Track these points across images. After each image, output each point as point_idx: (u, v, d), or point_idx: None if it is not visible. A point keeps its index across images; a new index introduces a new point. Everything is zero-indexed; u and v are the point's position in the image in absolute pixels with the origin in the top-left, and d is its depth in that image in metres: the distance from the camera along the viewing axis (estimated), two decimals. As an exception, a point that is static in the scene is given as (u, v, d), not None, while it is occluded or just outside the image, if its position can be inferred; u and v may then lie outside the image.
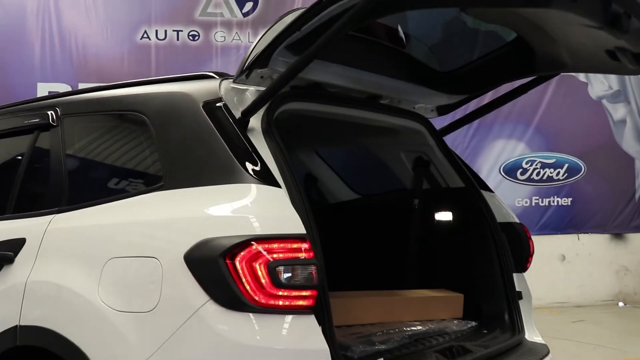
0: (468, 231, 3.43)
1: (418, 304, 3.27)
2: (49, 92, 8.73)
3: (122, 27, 9.01)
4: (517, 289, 3.29)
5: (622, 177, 10.02)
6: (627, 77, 9.95)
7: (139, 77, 8.74)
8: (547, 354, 3.10)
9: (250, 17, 9.26)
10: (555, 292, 9.46)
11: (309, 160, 4.25)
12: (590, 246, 9.86)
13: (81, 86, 8.76)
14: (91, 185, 2.93)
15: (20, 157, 3.16)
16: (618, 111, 10.10)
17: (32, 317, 2.56)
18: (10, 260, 2.72)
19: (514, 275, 3.30)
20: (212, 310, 2.17)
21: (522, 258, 3.39)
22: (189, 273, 2.19)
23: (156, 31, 9.09)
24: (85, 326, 2.42)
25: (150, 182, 2.58)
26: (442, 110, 3.64)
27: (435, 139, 3.50)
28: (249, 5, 9.29)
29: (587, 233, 9.90)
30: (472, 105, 3.86)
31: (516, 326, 3.18)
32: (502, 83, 3.51)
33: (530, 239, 3.45)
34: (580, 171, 9.93)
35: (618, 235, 10.01)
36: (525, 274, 3.47)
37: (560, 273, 9.60)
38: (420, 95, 3.47)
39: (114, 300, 2.36)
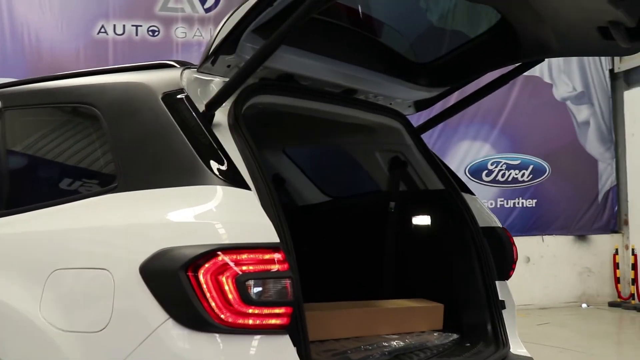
0: (448, 236, 3.26)
1: (395, 315, 3.10)
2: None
3: (78, 20, 8.91)
4: (500, 298, 3.12)
5: (586, 179, 10.26)
6: (590, 78, 10.19)
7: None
8: None
9: (212, 12, 9.24)
10: (520, 294, 9.42)
11: (276, 159, 4.05)
12: (555, 248, 10.08)
13: (32, 81, 8.56)
14: (35, 186, 2.69)
15: None
16: (582, 113, 10.33)
17: None
18: None
19: (497, 283, 3.14)
20: (172, 330, 1.94)
21: (505, 265, 3.24)
22: (145, 287, 1.97)
23: (114, 26, 9.02)
24: (24, 348, 2.21)
25: (102, 184, 2.37)
26: (420, 106, 3.47)
27: (413, 137, 3.33)
28: (211, 1, 9.27)
29: (552, 235, 10.10)
30: (450, 101, 3.73)
31: (500, 338, 3.02)
32: (484, 72, 3.34)
33: (514, 244, 3.31)
34: (545, 172, 10.11)
35: (581, 236, 10.23)
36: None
37: (525, 275, 9.69)
38: (397, 89, 3.28)
39: (58, 318, 2.13)
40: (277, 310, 1.97)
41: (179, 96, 2.33)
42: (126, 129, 2.34)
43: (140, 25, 9.04)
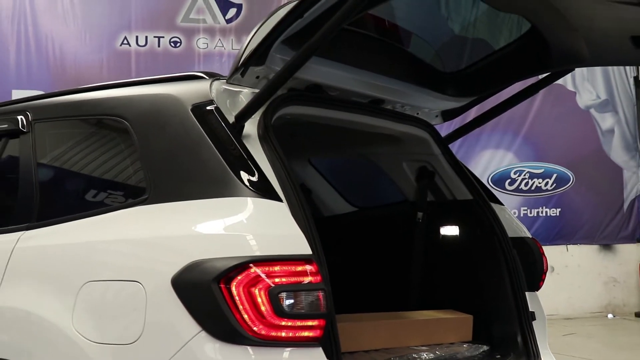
0: (477, 247, 3.25)
1: (424, 326, 3.10)
2: (21, 97, 8.71)
3: (101, 32, 9.01)
4: (530, 309, 3.13)
5: (611, 188, 10.19)
6: (615, 86, 10.14)
7: (118, 83, 8.34)
8: None
9: (233, 23, 9.30)
10: (545, 304, 9.32)
11: (301, 169, 4.07)
12: (579, 257, 9.98)
13: (58, 93, 8.67)
14: (66, 198, 2.71)
15: None
16: (606, 121, 10.27)
17: None
18: None
19: (527, 294, 3.15)
20: (205, 343, 1.96)
21: (535, 275, 3.25)
22: (177, 300, 1.98)
23: (136, 37, 9.10)
24: (56, 359, 2.21)
25: (133, 196, 2.37)
26: (448, 116, 3.47)
27: (440, 147, 3.33)
28: (232, 12, 9.34)
29: (576, 244, 10.02)
30: (475, 111, 3.68)
31: (531, 350, 3.01)
32: (512, 82, 3.33)
33: (544, 255, 3.32)
34: (569, 181, 10.05)
35: (606, 246, 10.14)
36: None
37: (549, 285, 9.49)
38: (424, 99, 3.29)
39: (90, 330, 2.15)
40: (310, 323, 1.98)
41: (208, 108, 2.35)
42: (156, 140, 2.37)
43: (163, 37, 9.13)
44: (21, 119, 2.81)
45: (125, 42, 9.02)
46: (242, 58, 2.37)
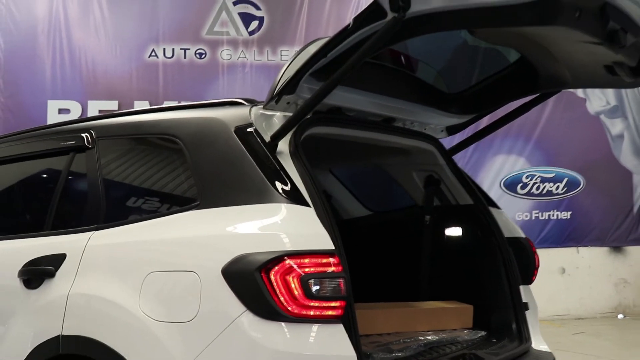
0: (477, 246, 3.58)
1: (431, 314, 3.43)
2: (59, 109, 8.96)
3: (131, 45, 9.17)
4: (524, 300, 3.44)
5: (620, 191, 10.13)
6: (624, 93, 10.06)
7: (147, 95, 8.87)
8: None
9: (255, 35, 9.44)
10: (556, 304, 9.53)
11: (323, 178, 4.36)
12: (590, 259, 9.96)
13: (91, 103, 8.95)
14: (128, 204, 3.07)
15: (57, 177, 3.31)
16: (616, 126, 10.20)
17: (75, 328, 2.71)
18: (51, 275, 2.88)
19: (521, 287, 3.46)
20: (249, 319, 2.32)
21: (528, 271, 3.54)
22: (227, 286, 2.34)
23: (164, 49, 9.25)
24: (127, 335, 2.56)
25: (186, 202, 2.71)
26: (452, 130, 3.82)
27: (445, 158, 3.67)
28: (254, 24, 9.45)
29: (587, 246, 9.98)
30: (479, 125, 4.02)
31: (523, 335, 3.33)
32: (507, 102, 3.67)
33: (536, 253, 3.61)
34: (579, 185, 10.02)
35: (617, 248, 10.09)
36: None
37: (561, 286, 9.69)
38: (430, 116, 3.64)
39: (155, 311, 2.49)
40: (333, 304, 2.34)
41: (248, 129, 2.71)
42: (205, 156, 2.72)
43: (188, 49, 9.27)
44: (86, 136, 3.18)
45: (153, 54, 9.17)
46: (276, 89, 2.74)
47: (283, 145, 2.70)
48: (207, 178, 2.68)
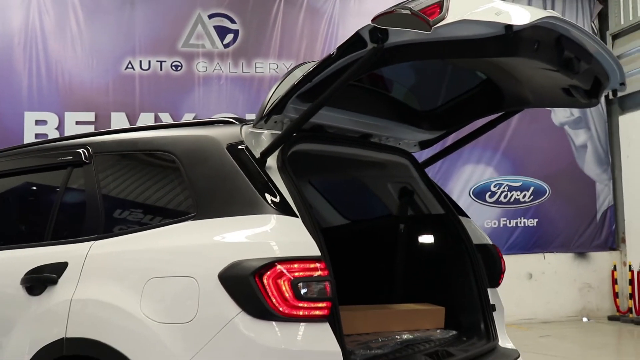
0: (448, 252, 3.80)
1: (405, 316, 3.63)
2: (36, 120, 9.01)
3: (107, 57, 9.25)
4: (491, 302, 3.68)
5: (584, 199, 10.43)
6: None
7: (123, 106, 8.99)
8: (518, 357, 3.52)
9: (230, 48, 9.62)
10: (523, 308, 9.79)
11: (303, 189, 4.58)
12: (556, 265, 10.24)
13: (67, 114, 9.02)
14: (126, 215, 3.24)
15: (56, 190, 3.48)
16: (579, 137, 10.51)
17: (78, 330, 2.88)
18: (54, 282, 3.05)
19: (489, 290, 3.68)
20: (244, 319, 2.51)
21: (495, 275, 3.78)
22: (223, 289, 2.54)
23: (140, 61, 9.37)
24: (129, 336, 2.72)
25: (183, 213, 2.89)
26: (424, 145, 4.05)
27: (418, 171, 3.91)
28: (229, 37, 9.64)
29: (553, 252, 10.27)
30: (449, 140, 4.26)
31: (491, 334, 3.56)
32: (474, 119, 3.91)
33: (502, 258, 3.85)
34: (545, 193, 10.30)
35: (581, 254, 10.38)
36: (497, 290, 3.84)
37: (528, 291, 9.95)
38: (404, 132, 3.87)
39: (156, 313, 2.67)
40: (320, 305, 2.56)
41: (239, 147, 2.91)
42: (200, 171, 2.92)
43: (165, 61, 9.42)
44: (83, 152, 3.36)
45: (129, 66, 9.29)
46: (265, 110, 2.96)
47: (271, 161, 2.90)
48: (202, 191, 2.87)
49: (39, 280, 3.11)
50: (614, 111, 10.63)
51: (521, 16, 2.45)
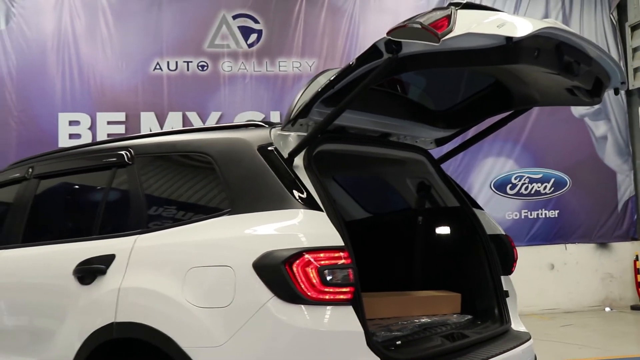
0: (463, 242, 3.98)
1: (424, 301, 3.84)
2: (70, 121, 9.29)
3: (136, 59, 9.50)
4: (505, 289, 3.85)
5: (605, 190, 10.41)
6: (607, 96, 10.33)
7: (152, 106, 9.27)
8: (529, 339, 3.71)
9: (254, 47, 9.80)
10: (545, 299, 9.86)
11: (327, 185, 4.77)
12: (577, 255, 10.24)
13: (99, 115, 9.29)
14: (167, 211, 3.49)
15: (102, 189, 3.76)
16: (599, 128, 10.50)
17: (126, 315, 3.14)
18: (103, 272, 3.32)
19: (502, 277, 3.86)
20: (276, 303, 2.75)
21: (508, 263, 3.97)
22: (257, 276, 2.78)
23: (168, 62, 9.60)
24: (173, 319, 2.96)
25: (219, 209, 3.12)
26: (440, 142, 4.25)
27: (434, 167, 4.12)
28: (253, 37, 9.82)
29: (574, 243, 10.27)
30: (464, 137, 4.46)
31: (504, 318, 3.77)
32: (486, 117, 4.12)
33: (514, 247, 4.05)
34: (566, 185, 10.32)
35: (603, 244, 10.37)
36: (516, 282, 4.02)
37: (550, 281, 10.00)
38: (420, 131, 4.08)
39: (196, 299, 2.89)
40: (344, 289, 2.78)
41: (269, 148, 3.15)
42: (233, 170, 3.16)
43: (191, 61, 9.62)
44: (126, 154, 3.63)
45: (157, 67, 9.52)
46: (292, 114, 3.20)
47: (298, 160, 3.13)
48: (236, 189, 3.12)
49: (90, 271, 3.38)
50: (634, 102, 10.55)
51: (521, 28, 2.67)
